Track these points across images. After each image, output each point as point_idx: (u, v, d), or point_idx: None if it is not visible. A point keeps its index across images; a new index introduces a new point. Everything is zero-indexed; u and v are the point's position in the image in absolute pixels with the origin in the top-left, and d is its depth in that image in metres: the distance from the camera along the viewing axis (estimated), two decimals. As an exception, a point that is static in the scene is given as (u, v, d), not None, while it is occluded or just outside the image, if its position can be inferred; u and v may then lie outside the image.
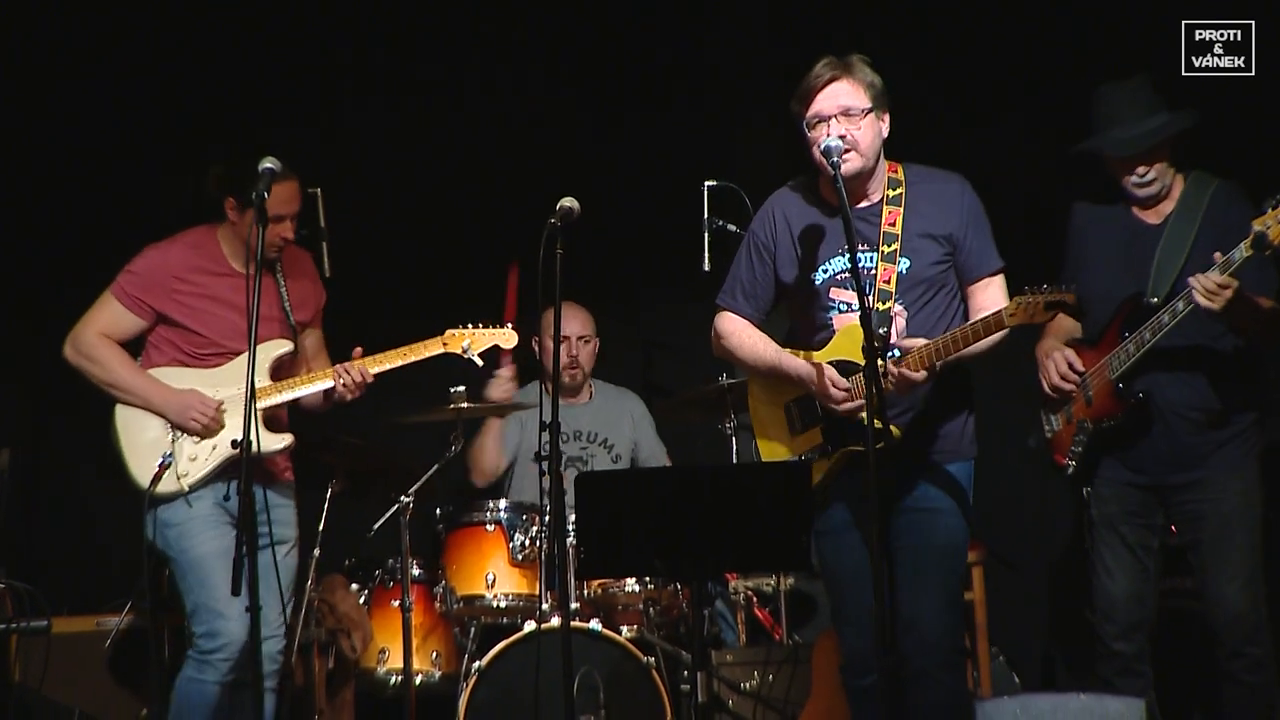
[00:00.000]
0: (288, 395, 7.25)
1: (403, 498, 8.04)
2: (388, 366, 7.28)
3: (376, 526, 8.25)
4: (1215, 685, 7.35)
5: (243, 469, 6.16)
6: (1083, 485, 7.38)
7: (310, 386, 7.25)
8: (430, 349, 7.36)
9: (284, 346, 7.30)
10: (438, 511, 8.32)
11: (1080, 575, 8.09)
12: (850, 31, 8.88)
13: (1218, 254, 6.51)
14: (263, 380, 7.18)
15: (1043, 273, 6.27)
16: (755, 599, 8.49)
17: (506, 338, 7.46)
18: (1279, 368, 7.35)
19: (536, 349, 8.67)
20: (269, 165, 6.53)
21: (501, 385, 8.45)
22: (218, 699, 6.95)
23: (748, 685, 8.00)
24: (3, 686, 7.24)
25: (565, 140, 9.34)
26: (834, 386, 6.19)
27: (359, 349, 7.19)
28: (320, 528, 8.04)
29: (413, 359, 7.35)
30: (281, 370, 7.31)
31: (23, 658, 7.64)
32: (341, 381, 7.15)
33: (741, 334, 6.56)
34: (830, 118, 6.24)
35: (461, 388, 8.00)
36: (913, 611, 6.25)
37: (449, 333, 7.38)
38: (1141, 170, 7.05)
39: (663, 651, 7.94)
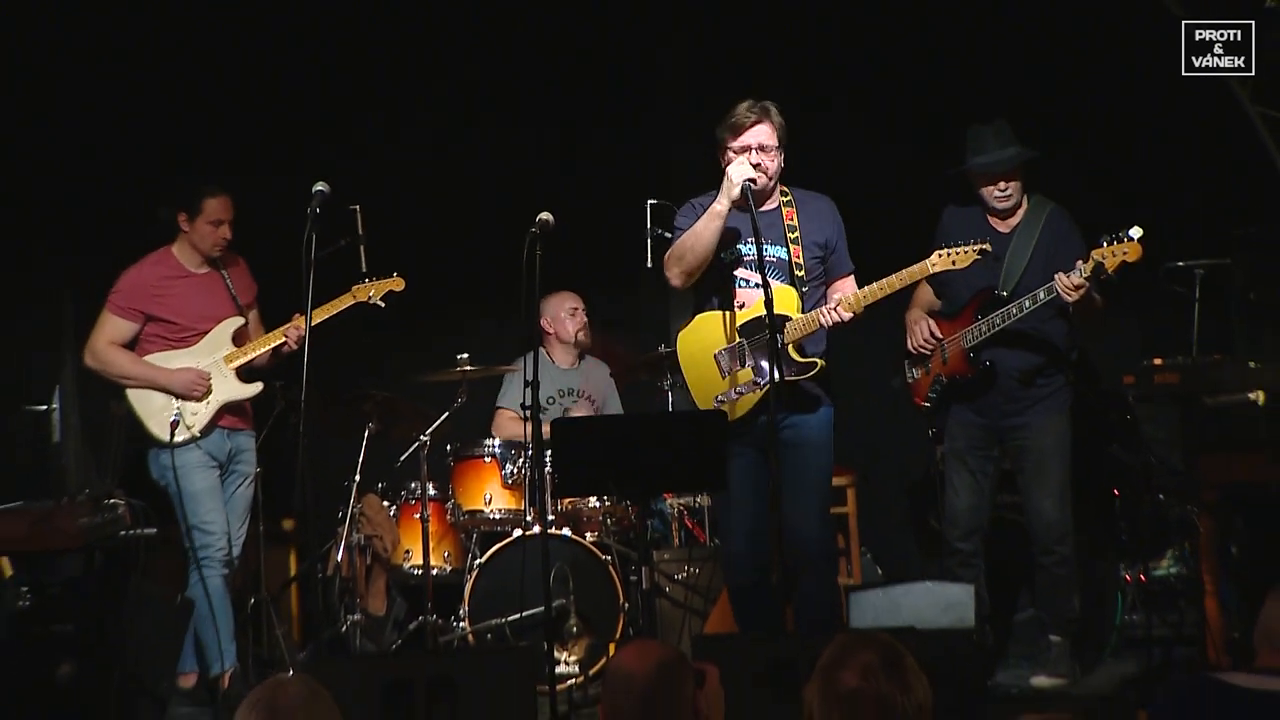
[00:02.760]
0: (252, 355, 7.42)
1: (421, 437, 8.03)
2: (318, 320, 7.24)
3: (403, 459, 8.25)
4: (1032, 575, 7.41)
5: (302, 418, 6.45)
6: (933, 423, 7.62)
7: (267, 345, 7.41)
8: (346, 302, 7.43)
9: (239, 321, 7.49)
10: (448, 447, 8.20)
11: (928, 493, 8.11)
12: (766, 82, 8.83)
13: (1074, 273, 6.71)
14: (226, 348, 7.42)
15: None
16: (685, 512, 8.44)
17: (396, 283, 7.46)
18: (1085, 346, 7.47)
19: (549, 327, 8.61)
20: (320, 188, 6.78)
21: (582, 408, 8.47)
22: (223, 588, 7.27)
23: (680, 576, 7.98)
24: (124, 577, 7.17)
25: (543, 167, 9.26)
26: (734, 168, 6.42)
27: (298, 314, 7.22)
28: (360, 459, 8.03)
29: (335, 312, 7.40)
30: (237, 339, 7.45)
31: (140, 558, 7.60)
32: (289, 338, 7.32)
33: (677, 240, 6.68)
34: (751, 149, 6.46)
35: (465, 355, 7.92)
36: (794, 523, 6.37)
37: (355, 287, 7.44)
38: (1003, 185, 7.21)
39: (616, 552, 7.88)
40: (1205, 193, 8.83)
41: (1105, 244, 6.68)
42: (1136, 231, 6.64)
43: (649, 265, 7.69)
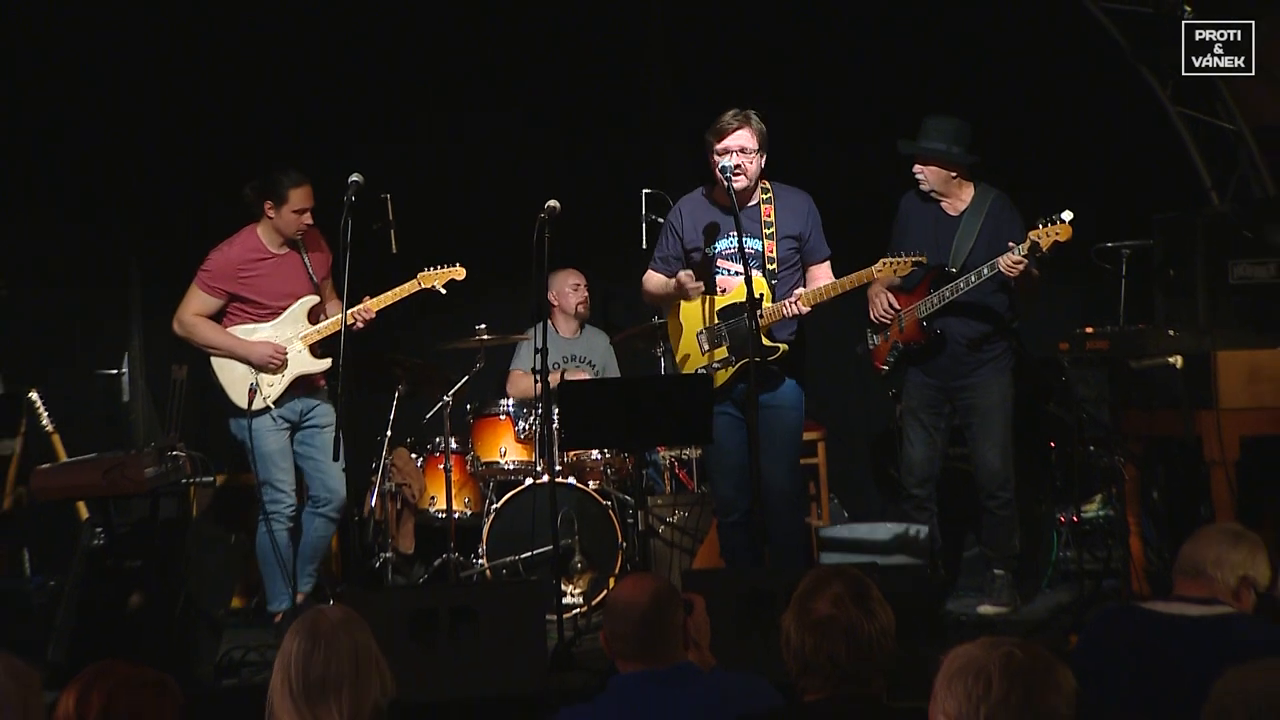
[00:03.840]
0: (324, 334, 7.27)
1: (445, 397, 7.99)
2: (385, 304, 7.24)
3: (428, 416, 8.23)
4: (978, 518, 7.44)
5: (339, 380, 6.51)
6: (892, 385, 7.60)
7: (338, 325, 7.07)
8: (412, 288, 7.30)
9: (314, 300, 7.35)
10: (468, 406, 8.20)
11: (888, 446, 8.13)
12: (747, 88, 8.82)
13: (1009, 251, 6.79)
14: (302, 325, 7.30)
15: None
16: (676, 462, 8.42)
17: (458, 273, 7.34)
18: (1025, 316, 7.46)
19: (554, 300, 8.54)
20: (355, 178, 6.80)
21: (583, 372, 8.44)
22: (286, 539, 7.21)
23: (671, 518, 7.94)
24: (185, 520, 7.20)
25: (552, 160, 9.23)
26: (689, 282, 6.56)
27: (367, 296, 7.17)
28: (391, 417, 7.96)
29: (402, 296, 7.30)
30: (312, 315, 7.34)
31: (198, 501, 7.62)
32: (358, 318, 7.11)
33: (652, 277, 6.81)
34: (733, 151, 6.45)
35: (483, 325, 7.89)
36: (768, 472, 6.34)
37: (420, 274, 7.31)
38: (915, 169, 7.26)
39: (615, 497, 7.87)
40: (1131, 182, 8.87)
41: (1041, 225, 6.76)
42: (1068, 215, 6.74)
43: (644, 246, 7.72)
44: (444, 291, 7.34)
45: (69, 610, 6.49)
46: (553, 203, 6.58)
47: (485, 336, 7.91)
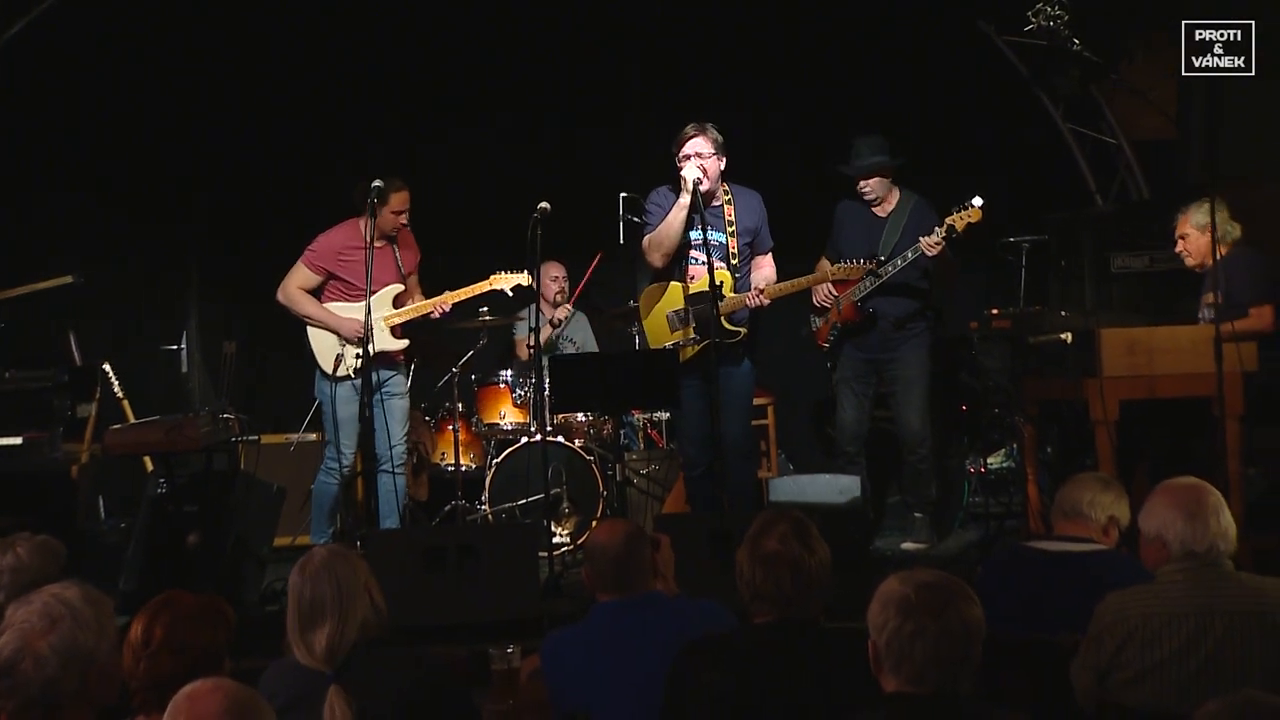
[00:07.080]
0: (405, 319, 7.22)
1: (453, 369, 7.95)
2: (460, 298, 7.22)
3: (439, 385, 8.19)
4: (900, 469, 7.46)
5: (363, 357, 6.47)
6: (831, 359, 7.52)
7: (419, 312, 7.20)
8: (484, 287, 7.23)
9: (399, 288, 7.25)
10: (473, 376, 8.17)
11: (826, 410, 8.14)
12: (709, 98, 8.81)
13: (933, 234, 6.82)
14: (387, 308, 7.21)
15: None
16: (648, 424, 8.43)
17: (525, 279, 7.17)
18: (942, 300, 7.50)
19: (539, 289, 8.47)
20: (377, 183, 6.83)
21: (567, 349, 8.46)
22: (337, 489, 7.24)
23: (644, 471, 7.98)
24: (234, 473, 7.17)
25: (543, 166, 9.14)
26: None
27: (447, 291, 7.19)
28: (407, 385, 7.88)
29: (475, 293, 7.25)
30: (396, 301, 7.27)
31: (245, 456, 7.61)
32: (436, 310, 7.16)
33: (656, 230, 6.59)
34: (692, 156, 6.38)
35: (485, 308, 7.80)
36: (726, 431, 6.33)
37: (493, 276, 7.22)
38: (862, 184, 7.23)
39: (597, 453, 7.87)
40: (1029, 186, 8.91)
41: (956, 211, 6.80)
42: (978, 200, 6.79)
43: (621, 242, 7.72)
44: (510, 294, 7.25)
45: (137, 547, 6.51)
46: (544, 204, 6.53)
47: (487, 318, 7.87)
